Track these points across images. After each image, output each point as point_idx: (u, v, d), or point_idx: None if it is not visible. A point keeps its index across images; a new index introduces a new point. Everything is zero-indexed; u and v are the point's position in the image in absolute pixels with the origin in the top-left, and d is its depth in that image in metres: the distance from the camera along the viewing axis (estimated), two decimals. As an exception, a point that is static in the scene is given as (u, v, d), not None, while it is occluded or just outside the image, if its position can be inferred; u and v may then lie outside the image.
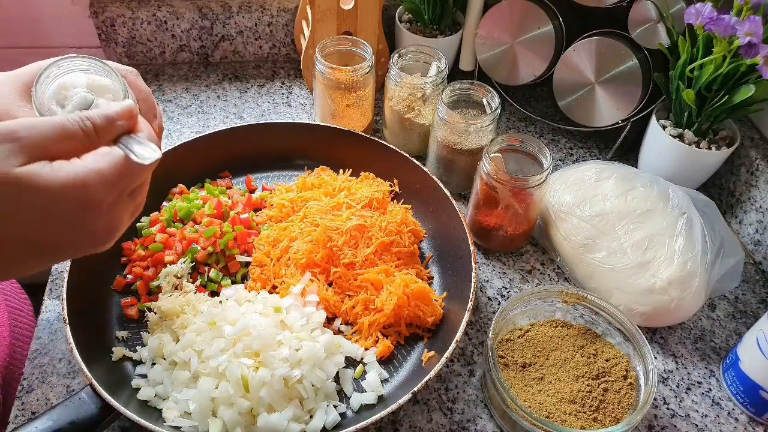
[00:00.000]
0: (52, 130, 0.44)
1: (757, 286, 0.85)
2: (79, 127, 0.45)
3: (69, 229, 0.45)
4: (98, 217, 0.45)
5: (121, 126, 0.48)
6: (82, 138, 0.45)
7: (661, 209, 0.77)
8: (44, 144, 0.43)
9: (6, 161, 0.41)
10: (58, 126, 0.44)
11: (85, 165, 0.44)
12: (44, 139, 0.43)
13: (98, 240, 0.47)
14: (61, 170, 0.43)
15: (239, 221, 0.80)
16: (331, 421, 0.64)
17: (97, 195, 0.44)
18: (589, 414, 0.64)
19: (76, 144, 0.45)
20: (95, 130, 0.46)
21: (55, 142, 0.44)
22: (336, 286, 0.75)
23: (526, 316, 0.73)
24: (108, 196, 0.45)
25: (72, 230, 0.45)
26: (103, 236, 0.47)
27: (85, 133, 0.45)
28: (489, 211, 0.80)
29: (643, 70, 0.87)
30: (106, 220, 0.46)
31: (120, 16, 1.01)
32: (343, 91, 0.88)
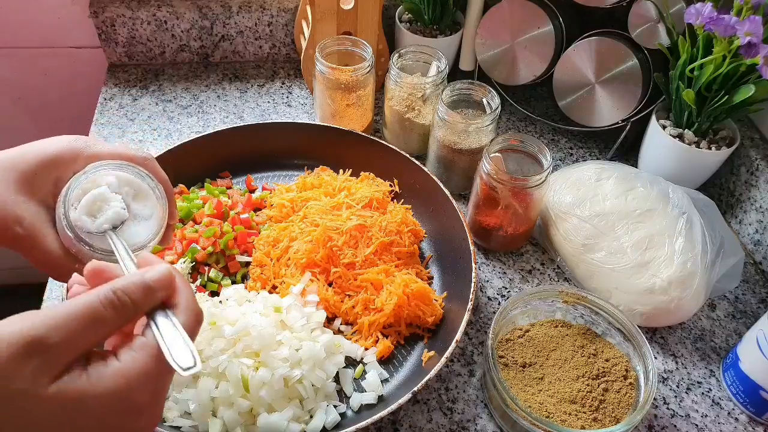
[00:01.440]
0: (83, 322, 0.37)
1: (757, 286, 0.85)
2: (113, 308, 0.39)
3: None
4: (141, 418, 0.40)
5: (159, 298, 0.42)
6: (116, 320, 0.39)
7: (661, 209, 0.77)
8: (75, 342, 0.37)
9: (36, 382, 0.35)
10: (90, 315, 0.38)
11: (126, 369, 0.38)
12: (74, 336, 0.37)
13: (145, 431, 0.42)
14: (99, 380, 0.37)
15: (239, 221, 0.80)
16: (331, 421, 0.64)
17: (141, 398, 0.39)
18: (589, 414, 0.64)
19: (110, 328, 0.39)
20: (133, 305, 0.40)
21: (88, 335, 0.38)
22: (336, 286, 0.75)
23: (526, 316, 0.73)
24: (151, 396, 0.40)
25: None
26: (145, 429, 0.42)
27: (118, 313, 0.39)
28: (489, 211, 0.80)
29: (643, 70, 0.87)
30: (149, 416, 0.41)
31: (120, 16, 1.01)
32: (343, 91, 0.88)
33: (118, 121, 0.98)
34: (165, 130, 0.97)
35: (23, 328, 0.36)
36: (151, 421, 0.42)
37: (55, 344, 0.36)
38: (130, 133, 0.96)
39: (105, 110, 1.00)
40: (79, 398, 0.37)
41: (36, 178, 0.49)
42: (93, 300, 0.38)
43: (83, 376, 0.37)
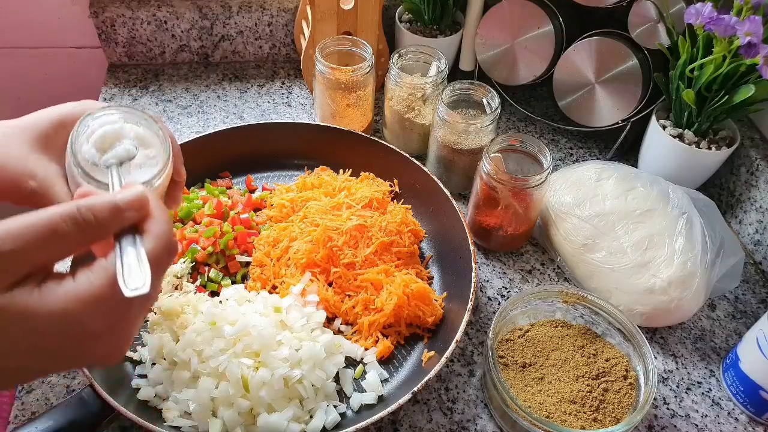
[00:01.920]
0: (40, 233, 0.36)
1: (757, 286, 0.85)
2: (74, 224, 0.38)
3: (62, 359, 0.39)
4: (96, 345, 0.39)
5: (127, 219, 0.40)
6: (76, 236, 0.38)
7: (661, 209, 0.77)
8: (30, 253, 0.36)
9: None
10: (48, 227, 0.37)
11: (77, 290, 0.37)
12: (30, 247, 0.36)
13: (99, 363, 0.42)
14: (47, 299, 0.36)
15: (239, 221, 0.80)
16: (331, 421, 0.64)
17: (93, 323, 0.38)
18: (589, 414, 0.64)
19: (69, 244, 0.38)
20: (96, 223, 0.38)
21: (44, 248, 0.37)
22: (336, 286, 0.75)
23: (526, 316, 0.73)
24: (105, 322, 0.39)
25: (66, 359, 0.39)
26: (106, 357, 0.41)
27: (80, 229, 0.38)
28: (489, 211, 0.80)
29: (643, 70, 0.87)
30: (106, 344, 0.40)
31: (120, 16, 1.01)
32: (343, 91, 0.88)
33: (118, 121, 0.98)
34: (165, 130, 0.97)
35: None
36: (110, 351, 0.40)
37: (8, 252, 0.35)
38: (130, 133, 0.96)
39: (105, 110, 1.00)
40: (26, 314, 0.36)
41: (50, 138, 0.51)
42: (54, 213, 0.37)
43: (34, 292, 0.36)
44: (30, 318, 0.36)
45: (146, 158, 0.52)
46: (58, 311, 0.37)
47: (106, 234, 0.39)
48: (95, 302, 0.37)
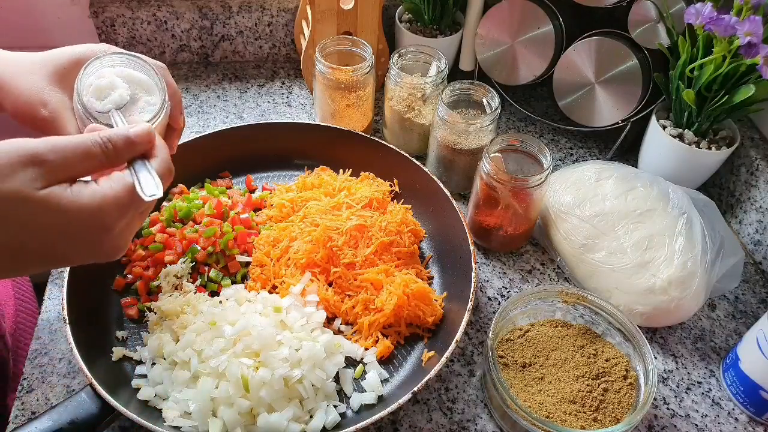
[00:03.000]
0: (75, 151, 0.46)
1: (757, 286, 0.85)
2: (101, 148, 0.48)
3: (80, 247, 0.48)
4: (109, 238, 0.49)
5: (139, 149, 0.50)
6: (102, 158, 0.48)
7: (661, 209, 0.77)
8: (66, 165, 0.46)
9: (31, 184, 0.44)
10: (82, 148, 0.47)
11: (102, 191, 0.47)
12: (67, 161, 0.46)
13: (106, 255, 0.51)
14: (79, 195, 0.46)
15: (239, 221, 0.80)
16: (331, 421, 0.64)
17: (110, 219, 0.48)
18: (589, 414, 0.64)
19: (96, 163, 0.48)
20: (115, 150, 0.49)
21: (77, 163, 0.47)
22: (336, 286, 0.75)
23: (526, 316, 0.73)
24: (120, 220, 0.49)
25: (83, 248, 0.49)
26: (110, 253, 0.51)
27: (104, 153, 0.48)
28: (489, 211, 0.80)
29: (643, 70, 0.87)
30: (115, 240, 0.50)
31: (120, 16, 1.01)
32: (343, 91, 0.88)
33: (118, 121, 0.98)
34: (165, 130, 0.97)
35: (27, 143, 0.44)
36: (113, 246, 0.50)
37: (52, 161, 0.45)
38: (130, 133, 0.96)
39: (105, 110, 1.00)
40: (61, 204, 0.45)
41: (66, 73, 0.58)
42: (86, 138, 0.47)
43: (68, 190, 0.46)
44: (64, 208, 0.45)
45: (147, 104, 0.59)
46: (86, 204, 0.46)
47: (123, 160, 0.50)
48: (114, 201, 0.47)
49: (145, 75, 0.60)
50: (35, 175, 0.44)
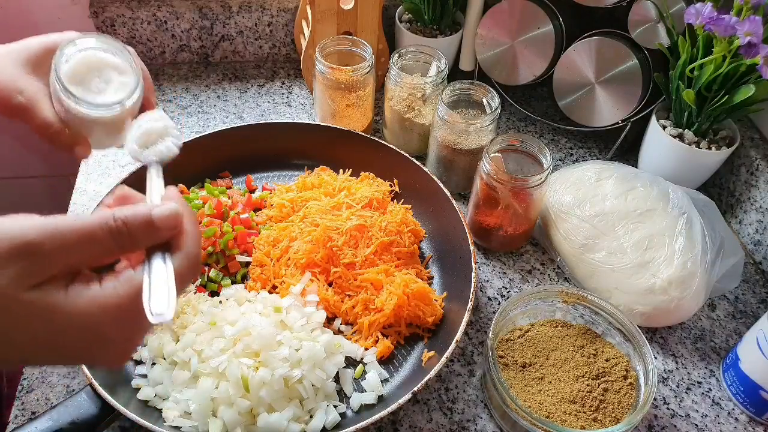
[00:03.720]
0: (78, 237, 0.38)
1: (757, 286, 0.85)
2: (110, 234, 0.39)
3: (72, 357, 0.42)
4: (107, 350, 0.41)
5: (161, 236, 0.41)
6: (110, 245, 0.40)
7: (661, 209, 0.77)
8: (66, 255, 0.38)
9: (19, 282, 0.36)
10: (86, 232, 0.39)
11: (103, 297, 0.39)
12: (67, 250, 0.38)
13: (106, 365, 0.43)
14: (75, 301, 0.38)
15: (239, 221, 0.80)
16: (331, 421, 0.64)
17: (110, 331, 0.39)
18: (589, 414, 0.64)
19: (103, 251, 0.40)
20: (129, 236, 0.40)
21: (79, 251, 0.39)
22: (336, 286, 0.75)
23: (526, 316, 0.73)
24: (122, 332, 0.41)
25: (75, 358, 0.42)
26: (110, 363, 0.43)
27: (114, 239, 0.40)
28: (489, 211, 0.80)
29: (643, 70, 0.87)
30: (115, 351, 0.42)
31: (120, 16, 1.01)
32: (343, 91, 0.88)
33: (118, 121, 0.98)
34: (165, 130, 0.97)
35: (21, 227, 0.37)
36: (117, 358, 0.42)
37: (46, 252, 0.37)
38: (130, 133, 0.96)
39: (105, 110, 1.00)
40: (52, 311, 0.37)
41: (38, 61, 0.58)
42: (93, 221, 0.39)
43: (62, 292, 0.38)
44: (54, 316, 0.37)
45: (121, 84, 0.60)
46: (81, 314, 0.38)
47: (138, 247, 0.41)
48: (116, 312, 0.39)
49: (119, 56, 0.60)
50: (26, 270, 0.36)
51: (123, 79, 0.62)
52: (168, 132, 0.55)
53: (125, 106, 0.60)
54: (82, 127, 0.63)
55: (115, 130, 0.64)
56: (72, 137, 0.62)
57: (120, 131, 0.65)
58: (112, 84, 0.61)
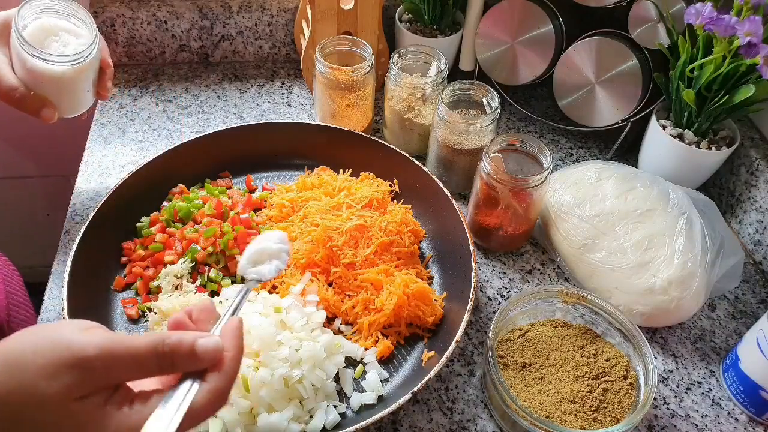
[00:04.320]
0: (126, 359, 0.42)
1: (757, 286, 0.85)
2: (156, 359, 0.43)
3: None
4: None
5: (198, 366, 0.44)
6: (153, 369, 0.43)
7: (661, 209, 0.77)
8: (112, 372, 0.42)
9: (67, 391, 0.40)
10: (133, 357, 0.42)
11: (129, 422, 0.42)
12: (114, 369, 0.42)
13: None
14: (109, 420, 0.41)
15: (239, 221, 0.80)
16: (331, 421, 0.64)
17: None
18: (589, 414, 0.64)
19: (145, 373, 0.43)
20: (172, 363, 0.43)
21: (124, 371, 0.42)
22: (336, 286, 0.75)
23: (526, 316, 0.73)
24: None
25: None
26: None
27: (159, 365, 0.43)
28: (489, 211, 0.80)
29: (643, 70, 0.87)
30: None
31: (120, 16, 1.01)
32: (343, 91, 0.88)
33: (118, 121, 0.98)
34: (165, 130, 0.97)
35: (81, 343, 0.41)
36: None
37: (98, 369, 0.41)
38: (130, 133, 0.96)
39: (105, 110, 1.00)
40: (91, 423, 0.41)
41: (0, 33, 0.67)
42: (145, 345, 0.42)
43: (100, 409, 0.41)
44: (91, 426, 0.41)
45: (79, 46, 0.69)
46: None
47: (177, 371, 0.44)
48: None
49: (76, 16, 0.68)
50: (77, 382, 0.40)
51: (80, 41, 0.69)
52: (279, 256, 0.58)
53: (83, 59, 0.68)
54: (45, 87, 0.69)
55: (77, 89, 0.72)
56: (37, 100, 0.69)
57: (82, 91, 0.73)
58: (70, 46, 0.69)
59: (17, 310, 0.85)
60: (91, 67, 0.72)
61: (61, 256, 0.79)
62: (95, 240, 0.73)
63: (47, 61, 0.67)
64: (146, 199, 0.81)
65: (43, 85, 0.69)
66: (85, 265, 0.70)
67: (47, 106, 0.70)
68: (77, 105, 0.75)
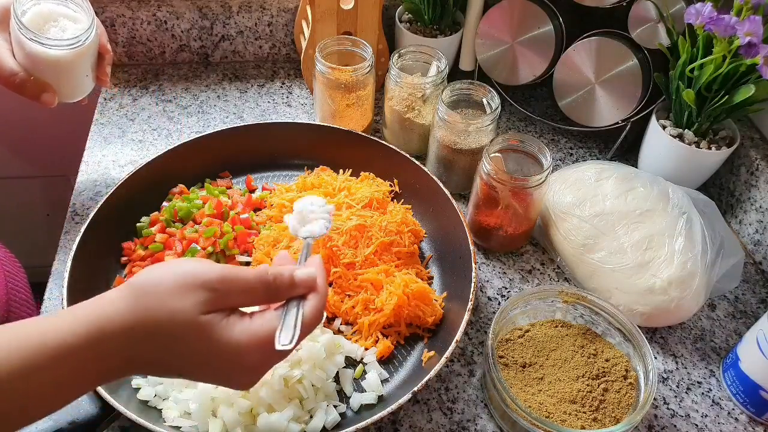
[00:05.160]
0: (240, 286, 0.49)
1: (757, 286, 0.85)
2: (264, 287, 0.50)
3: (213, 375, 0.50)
4: (244, 375, 0.50)
5: (299, 291, 0.52)
6: (262, 296, 0.50)
7: (661, 209, 0.77)
8: (230, 296, 0.49)
9: (198, 308, 0.47)
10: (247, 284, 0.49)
11: (252, 330, 0.48)
12: (231, 293, 0.49)
13: (236, 386, 0.53)
14: (231, 329, 0.48)
15: (239, 221, 0.80)
16: (331, 421, 0.64)
17: (250, 360, 0.49)
18: (589, 414, 0.64)
19: (256, 299, 0.51)
20: (276, 290, 0.51)
21: (239, 296, 0.49)
22: (336, 286, 0.75)
23: (526, 316, 0.73)
24: (259, 361, 0.50)
25: (216, 376, 0.50)
26: (241, 385, 0.52)
27: (266, 293, 0.50)
28: (489, 211, 0.80)
29: (643, 70, 0.87)
30: (250, 377, 0.51)
31: (120, 16, 1.01)
32: (343, 91, 0.88)
33: (118, 121, 0.98)
34: (165, 130, 0.97)
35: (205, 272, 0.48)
36: (245, 381, 0.51)
37: (220, 290, 0.48)
38: (130, 133, 0.96)
39: (105, 110, 1.00)
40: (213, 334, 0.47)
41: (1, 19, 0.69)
42: (252, 276, 0.50)
43: (224, 320, 0.48)
44: (214, 338, 0.47)
45: (77, 31, 0.70)
46: (233, 340, 0.48)
47: (282, 298, 0.52)
48: (259, 342, 0.48)
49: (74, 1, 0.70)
50: (203, 300, 0.47)
51: (78, 26, 0.70)
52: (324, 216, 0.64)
53: (80, 43, 0.69)
54: (44, 72, 0.70)
55: (76, 74, 0.73)
56: (37, 85, 0.70)
57: (81, 76, 0.74)
58: (68, 31, 0.70)
59: (18, 306, 0.85)
60: (89, 52, 0.73)
61: (61, 256, 0.79)
62: (95, 240, 0.73)
63: (45, 46, 0.68)
64: (146, 199, 0.81)
65: (43, 70, 0.70)
66: (85, 265, 0.70)
67: (47, 91, 0.71)
68: (77, 90, 0.76)
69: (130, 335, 0.46)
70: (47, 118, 1.19)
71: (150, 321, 0.46)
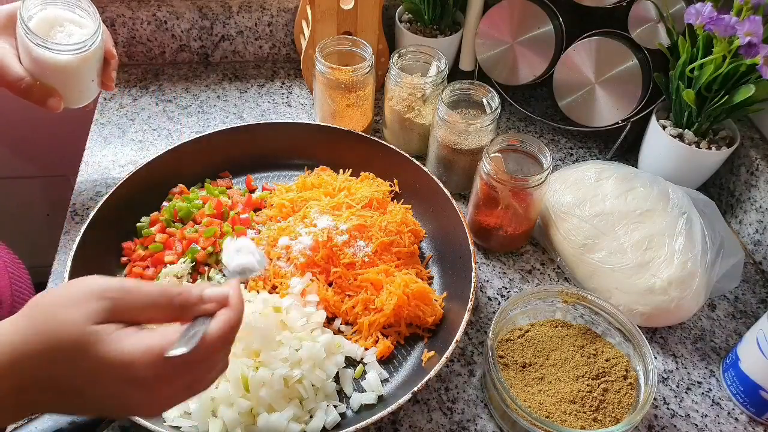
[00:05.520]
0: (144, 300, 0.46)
1: (757, 286, 0.85)
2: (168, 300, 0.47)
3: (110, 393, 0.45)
4: (139, 391, 0.45)
5: (209, 309, 0.48)
6: (166, 309, 0.47)
7: (661, 209, 0.77)
8: (131, 309, 0.46)
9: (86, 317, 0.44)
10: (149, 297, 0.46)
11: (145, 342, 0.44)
12: (134, 307, 0.46)
13: (138, 410, 0.49)
14: (122, 340, 0.44)
15: (239, 221, 0.80)
16: (331, 421, 0.64)
17: (141, 373, 0.44)
18: (589, 414, 0.64)
19: (159, 312, 0.47)
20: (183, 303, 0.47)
21: (143, 309, 0.46)
22: (336, 286, 0.75)
23: (526, 316, 0.73)
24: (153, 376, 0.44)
25: (113, 395, 0.45)
26: (143, 408, 0.48)
27: (170, 305, 0.47)
28: (489, 211, 0.80)
29: (643, 70, 0.87)
30: (148, 395, 0.46)
31: (120, 16, 1.01)
32: (343, 91, 0.88)
33: (118, 121, 0.98)
34: (165, 130, 0.97)
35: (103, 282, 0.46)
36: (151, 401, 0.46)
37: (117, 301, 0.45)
38: (130, 133, 0.96)
39: (105, 110, 1.00)
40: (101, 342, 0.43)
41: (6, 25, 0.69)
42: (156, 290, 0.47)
43: (117, 331, 0.44)
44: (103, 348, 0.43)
45: (83, 36, 0.70)
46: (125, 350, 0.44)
47: (189, 316, 0.48)
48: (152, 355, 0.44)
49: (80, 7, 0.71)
50: (98, 308, 0.44)
51: (85, 31, 0.71)
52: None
53: (86, 48, 0.69)
54: (50, 77, 0.70)
55: (82, 78, 0.73)
56: (43, 90, 0.70)
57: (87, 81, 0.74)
58: (74, 36, 0.70)
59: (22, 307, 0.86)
60: (95, 57, 0.73)
61: (61, 256, 0.79)
62: (95, 240, 0.73)
63: (52, 50, 0.68)
64: (146, 199, 0.81)
65: (49, 75, 0.70)
66: (85, 265, 0.70)
67: (53, 96, 0.71)
68: (82, 95, 0.76)
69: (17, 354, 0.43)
70: (47, 118, 1.19)
71: (39, 336, 0.43)
